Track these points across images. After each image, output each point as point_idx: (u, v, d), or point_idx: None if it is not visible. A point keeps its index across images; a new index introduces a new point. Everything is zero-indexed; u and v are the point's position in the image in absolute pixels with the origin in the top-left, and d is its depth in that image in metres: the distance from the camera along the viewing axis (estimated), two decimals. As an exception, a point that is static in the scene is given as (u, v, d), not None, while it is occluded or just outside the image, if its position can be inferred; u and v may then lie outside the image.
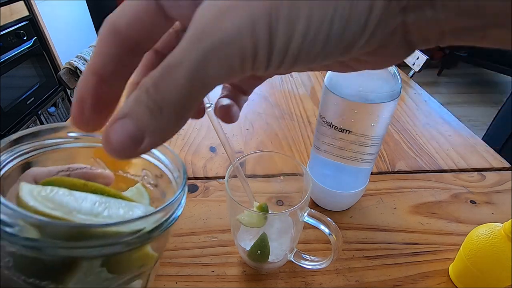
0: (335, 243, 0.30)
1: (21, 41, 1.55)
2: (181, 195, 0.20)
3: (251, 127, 0.64)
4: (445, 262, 0.38)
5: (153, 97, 0.12)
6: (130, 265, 0.19)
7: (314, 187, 0.43)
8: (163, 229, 0.18)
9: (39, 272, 0.16)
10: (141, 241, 0.17)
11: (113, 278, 0.18)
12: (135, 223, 0.16)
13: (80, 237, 0.15)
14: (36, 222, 0.15)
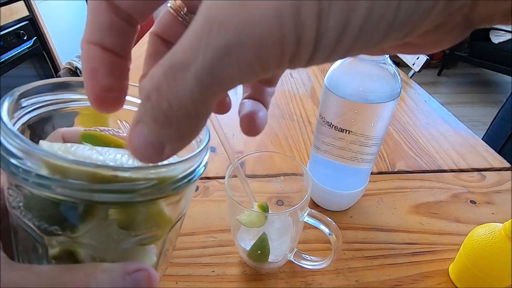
0: (335, 243, 0.30)
1: (21, 41, 1.55)
2: (203, 151, 0.19)
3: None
4: (445, 262, 0.38)
5: (156, 105, 0.10)
6: (142, 222, 0.18)
7: (314, 187, 0.43)
8: (181, 184, 0.17)
9: (49, 216, 0.16)
10: (157, 193, 0.16)
11: (123, 234, 0.17)
12: (154, 170, 0.15)
13: (97, 180, 0.14)
14: (55, 159, 0.14)
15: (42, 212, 0.16)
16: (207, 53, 0.09)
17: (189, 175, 0.17)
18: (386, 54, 0.15)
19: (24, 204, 0.16)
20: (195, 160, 0.18)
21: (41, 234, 0.16)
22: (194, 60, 0.09)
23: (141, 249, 0.20)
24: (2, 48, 1.43)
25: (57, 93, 0.20)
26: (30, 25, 1.61)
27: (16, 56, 1.50)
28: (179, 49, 0.09)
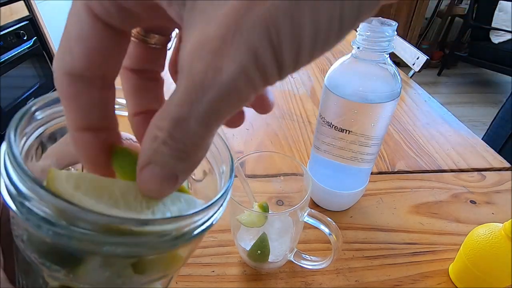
0: (335, 243, 0.30)
1: (21, 41, 1.55)
2: (226, 193, 0.16)
3: (251, 127, 0.64)
4: (445, 262, 0.38)
5: (174, 146, 0.12)
6: (153, 268, 0.16)
7: (314, 187, 0.43)
8: (199, 233, 0.15)
9: (51, 255, 0.15)
10: (173, 245, 0.14)
11: (132, 277, 0.16)
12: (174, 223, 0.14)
13: (110, 231, 0.13)
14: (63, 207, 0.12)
15: (43, 250, 0.15)
16: (200, 107, 0.11)
17: (208, 220, 0.15)
18: None
19: (26, 237, 0.15)
20: (217, 204, 0.16)
21: (42, 267, 0.15)
22: (191, 113, 0.11)
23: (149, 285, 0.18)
24: (2, 48, 1.42)
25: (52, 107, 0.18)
26: (30, 25, 1.61)
27: (16, 56, 1.49)
28: (174, 107, 0.11)
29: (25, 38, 1.56)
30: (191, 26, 0.11)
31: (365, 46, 0.31)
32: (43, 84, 1.72)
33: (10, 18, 1.49)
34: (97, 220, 0.13)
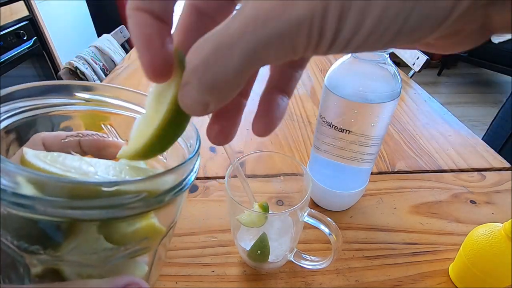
0: (335, 243, 0.30)
1: (21, 41, 1.55)
2: (194, 159, 0.17)
3: (251, 127, 0.64)
4: (445, 262, 0.38)
5: (203, 76, 0.12)
6: (132, 236, 0.17)
7: (314, 187, 0.43)
8: (172, 195, 0.16)
9: (29, 235, 0.14)
10: (145, 206, 0.15)
11: (112, 249, 0.16)
12: (143, 183, 0.14)
13: (82, 196, 0.13)
14: (34, 177, 0.13)
15: (21, 232, 0.14)
16: (252, 39, 0.11)
17: (180, 184, 0.16)
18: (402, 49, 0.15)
19: (2, 224, 0.14)
20: (186, 168, 0.17)
21: (21, 253, 0.15)
22: (240, 42, 0.11)
23: (131, 261, 0.19)
24: (2, 48, 1.43)
25: (41, 97, 0.19)
26: (30, 25, 1.61)
27: (16, 56, 1.50)
28: (227, 31, 0.11)
29: (25, 38, 1.57)
30: None
31: (365, 46, 0.31)
32: (43, 84, 1.72)
33: (10, 18, 1.49)
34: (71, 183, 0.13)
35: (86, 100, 0.21)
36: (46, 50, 1.73)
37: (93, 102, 0.21)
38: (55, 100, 0.20)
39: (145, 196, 0.14)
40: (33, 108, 0.19)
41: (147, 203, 0.15)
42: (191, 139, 0.20)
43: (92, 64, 1.20)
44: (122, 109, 0.22)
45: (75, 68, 1.12)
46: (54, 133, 0.20)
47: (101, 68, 1.24)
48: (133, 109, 0.22)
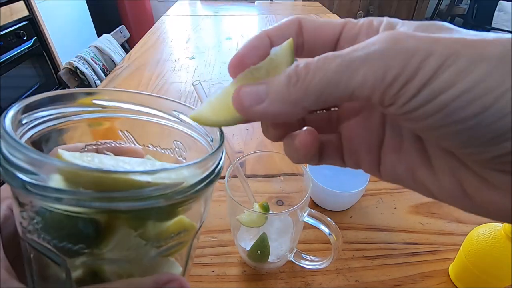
0: (335, 243, 0.30)
1: (21, 41, 1.55)
2: (220, 150, 0.18)
3: (251, 127, 0.64)
4: (445, 262, 0.38)
5: (298, 70, 0.14)
6: (167, 230, 0.17)
7: (314, 187, 0.43)
8: (205, 185, 0.16)
9: (71, 234, 0.15)
10: (180, 196, 0.15)
11: (149, 245, 0.16)
12: (171, 174, 0.15)
13: (120, 188, 0.13)
14: (73, 168, 0.13)
15: (63, 231, 0.15)
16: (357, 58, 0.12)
17: (211, 174, 0.17)
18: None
19: (42, 226, 0.15)
20: (214, 158, 0.17)
21: (63, 257, 0.15)
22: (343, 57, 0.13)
23: (166, 260, 0.19)
24: (2, 48, 1.43)
25: (56, 106, 0.19)
26: (30, 25, 1.61)
27: (16, 56, 1.50)
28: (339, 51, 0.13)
29: (25, 38, 1.57)
30: None
31: (365, 46, 0.31)
32: (43, 84, 1.72)
33: (10, 18, 1.49)
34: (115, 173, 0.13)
35: (102, 107, 0.21)
36: (46, 50, 1.73)
37: (109, 108, 0.21)
38: (72, 109, 0.20)
39: (181, 187, 0.15)
40: (50, 119, 0.19)
41: (182, 193, 0.15)
42: (212, 134, 0.21)
43: (92, 64, 1.20)
44: (137, 113, 0.22)
45: (75, 68, 1.12)
46: (72, 145, 0.20)
47: (101, 68, 1.24)
48: (147, 113, 0.22)
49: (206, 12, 1.62)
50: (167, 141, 0.23)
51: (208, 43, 1.14)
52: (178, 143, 0.23)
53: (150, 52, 1.06)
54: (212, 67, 0.94)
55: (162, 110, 0.22)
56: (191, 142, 0.22)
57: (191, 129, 0.22)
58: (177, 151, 0.23)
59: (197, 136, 0.22)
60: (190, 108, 0.22)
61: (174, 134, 0.22)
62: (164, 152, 0.23)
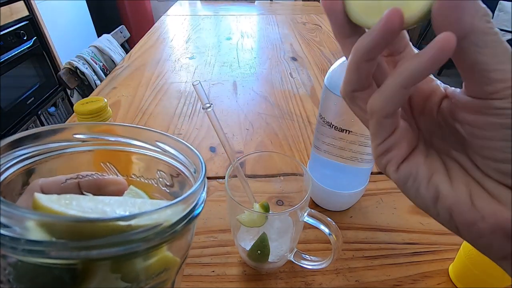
0: (335, 243, 0.30)
1: (21, 41, 1.55)
2: (201, 186, 0.18)
3: (251, 127, 0.64)
4: (445, 262, 0.38)
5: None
6: (148, 271, 0.16)
7: (314, 187, 0.43)
8: (185, 224, 0.16)
9: (45, 283, 0.14)
10: (160, 238, 0.14)
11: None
12: (151, 216, 0.14)
13: (98, 234, 0.13)
14: (43, 219, 0.13)
15: (37, 281, 0.14)
16: None
17: (191, 211, 0.16)
18: None
19: (14, 276, 0.14)
20: (196, 195, 0.17)
21: None
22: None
23: None
24: (2, 48, 1.43)
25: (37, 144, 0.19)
26: (30, 25, 1.61)
27: (16, 56, 1.50)
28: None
29: (25, 38, 1.57)
30: None
31: (365, 46, 0.31)
32: (43, 84, 1.72)
33: (10, 18, 1.49)
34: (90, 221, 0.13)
35: (82, 141, 0.21)
36: (46, 50, 1.73)
37: (90, 141, 0.21)
38: (52, 144, 0.20)
39: (161, 228, 0.14)
40: (30, 156, 0.19)
41: (163, 234, 0.14)
42: (195, 165, 0.21)
43: (92, 64, 1.20)
44: (120, 144, 0.22)
45: (75, 68, 1.12)
46: (52, 178, 0.20)
47: (101, 68, 1.24)
48: (130, 144, 0.22)
49: (206, 12, 1.62)
50: (151, 171, 0.23)
51: (208, 43, 1.14)
52: (161, 173, 0.23)
53: (150, 52, 1.06)
54: (212, 67, 0.94)
55: (145, 141, 0.22)
56: (174, 172, 0.22)
57: (174, 159, 0.22)
58: (161, 181, 0.23)
59: (180, 166, 0.22)
60: (174, 140, 0.22)
61: (157, 164, 0.22)
62: (148, 182, 0.23)
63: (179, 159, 0.22)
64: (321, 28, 1.32)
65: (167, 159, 0.22)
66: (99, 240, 0.13)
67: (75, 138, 0.21)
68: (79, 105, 0.30)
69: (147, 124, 0.66)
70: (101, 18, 2.29)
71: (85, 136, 0.21)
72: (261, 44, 1.15)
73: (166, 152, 0.22)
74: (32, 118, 1.62)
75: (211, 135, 0.61)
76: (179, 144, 0.22)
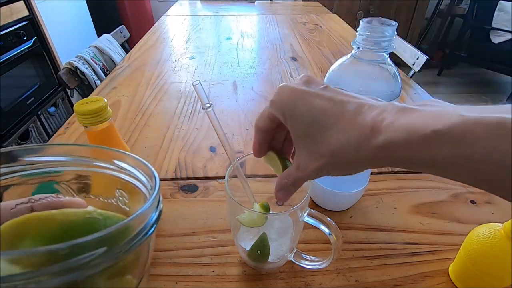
0: (335, 243, 0.30)
1: (21, 41, 1.55)
2: (154, 202, 0.17)
3: (251, 127, 0.64)
4: (445, 262, 0.38)
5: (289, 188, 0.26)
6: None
7: (314, 187, 0.43)
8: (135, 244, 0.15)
9: None
10: (109, 260, 0.14)
11: None
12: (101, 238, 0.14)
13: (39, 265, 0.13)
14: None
15: None
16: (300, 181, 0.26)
17: (142, 231, 0.16)
18: None
19: None
20: (146, 213, 0.16)
21: None
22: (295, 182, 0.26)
23: None
24: (2, 48, 1.42)
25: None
26: (30, 25, 1.61)
27: (16, 56, 1.49)
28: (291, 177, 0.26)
29: (25, 38, 1.56)
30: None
31: (365, 46, 0.31)
32: (43, 84, 1.72)
33: (10, 18, 1.49)
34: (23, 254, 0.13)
35: (32, 164, 0.21)
36: (46, 50, 1.73)
37: (40, 164, 0.21)
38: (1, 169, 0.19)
39: (105, 251, 0.14)
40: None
41: (109, 257, 0.14)
42: (151, 182, 0.20)
43: (92, 64, 1.20)
44: (73, 165, 0.22)
45: (75, 68, 1.12)
46: (2, 204, 0.19)
47: (101, 68, 1.24)
48: (85, 163, 0.22)
49: (206, 12, 1.62)
50: (110, 190, 0.23)
51: (208, 43, 1.14)
52: (121, 192, 0.23)
53: (150, 52, 1.06)
54: (212, 67, 0.94)
55: (103, 160, 0.22)
56: (133, 189, 0.22)
57: (131, 176, 0.22)
58: (121, 200, 0.23)
59: (138, 184, 0.22)
60: (132, 158, 0.21)
61: (116, 182, 0.22)
62: (107, 201, 0.23)
63: (135, 175, 0.22)
64: (321, 28, 1.32)
65: (125, 177, 0.22)
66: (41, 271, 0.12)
67: (24, 161, 0.20)
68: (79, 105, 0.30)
69: (147, 124, 0.66)
70: (101, 18, 2.29)
71: (34, 159, 0.21)
72: (261, 44, 1.15)
73: (124, 170, 0.22)
74: (32, 118, 1.62)
75: (211, 135, 0.61)
76: (137, 162, 0.21)
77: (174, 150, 0.57)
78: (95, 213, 0.18)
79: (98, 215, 0.18)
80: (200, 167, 0.53)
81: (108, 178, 0.22)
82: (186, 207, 0.45)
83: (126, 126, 0.65)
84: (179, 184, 0.49)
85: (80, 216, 0.17)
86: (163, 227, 0.42)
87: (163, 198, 0.47)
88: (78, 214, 0.17)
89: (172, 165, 0.54)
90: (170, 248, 0.39)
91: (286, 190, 0.26)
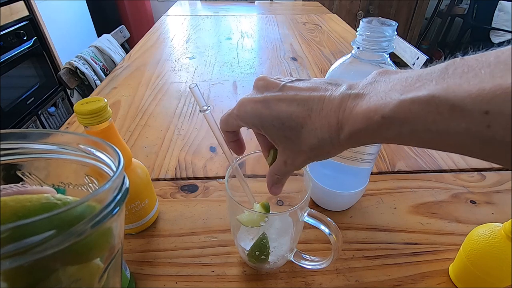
0: (335, 243, 0.30)
1: (21, 41, 1.55)
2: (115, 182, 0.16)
3: (251, 127, 0.64)
4: (445, 262, 0.38)
5: (280, 181, 0.29)
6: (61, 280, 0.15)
7: (314, 187, 0.43)
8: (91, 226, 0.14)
9: None
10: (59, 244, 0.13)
11: None
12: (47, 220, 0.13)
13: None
14: None
15: None
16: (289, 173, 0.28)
17: (102, 211, 0.15)
18: None
19: None
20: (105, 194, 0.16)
21: None
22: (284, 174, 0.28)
23: None
24: (2, 48, 1.43)
25: None
26: (30, 25, 1.61)
27: (16, 56, 1.50)
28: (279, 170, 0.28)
29: (25, 38, 1.57)
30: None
31: (365, 46, 0.31)
32: (43, 84, 1.72)
33: (10, 18, 1.49)
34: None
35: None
36: (46, 50, 1.73)
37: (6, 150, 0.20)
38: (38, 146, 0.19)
39: (53, 234, 0.13)
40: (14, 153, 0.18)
41: (59, 241, 0.13)
42: (116, 162, 0.19)
43: (92, 64, 1.20)
44: (39, 152, 0.21)
45: (75, 68, 1.12)
46: None
47: (101, 68, 1.24)
48: (49, 150, 0.21)
49: (206, 12, 1.62)
50: (79, 177, 0.22)
51: (208, 43, 1.14)
52: (90, 178, 0.22)
53: (150, 52, 1.06)
54: (212, 67, 0.94)
55: (67, 145, 0.21)
56: (102, 174, 0.21)
57: (97, 161, 0.21)
58: (91, 186, 0.22)
59: (105, 168, 0.21)
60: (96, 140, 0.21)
61: (84, 169, 0.21)
62: (77, 189, 0.22)
63: (102, 160, 0.20)
64: (321, 28, 1.32)
65: (92, 162, 0.21)
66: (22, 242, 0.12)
67: None
68: (79, 105, 0.30)
69: (147, 124, 0.66)
70: (101, 18, 2.29)
71: None
72: (261, 44, 1.15)
73: (90, 155, 0.21)
74: (32, 118, 1.62)
75: (211, 135, 0.61)
76: (101, 144, 0.20)
77: (174, 150, 0.57)
78: (53, 198, 0.17)
79: (57, 200, 0.17)
80: (200, 167, 0.53)
81: (74, 164, 0.21)
82: (186, 207, 0.45)
83: (126, 126, 0.65)
84: (179, 184, 0.49)
85: (35, 201, 0.16)
86: (163, 227, 0.42)
87: (163, 198, 0.47)
88: (33, 200, 0.16)
89: (172, 165, 0.54)
90: (170, 248, 0.39)
91: (279, 183, 0.29)
